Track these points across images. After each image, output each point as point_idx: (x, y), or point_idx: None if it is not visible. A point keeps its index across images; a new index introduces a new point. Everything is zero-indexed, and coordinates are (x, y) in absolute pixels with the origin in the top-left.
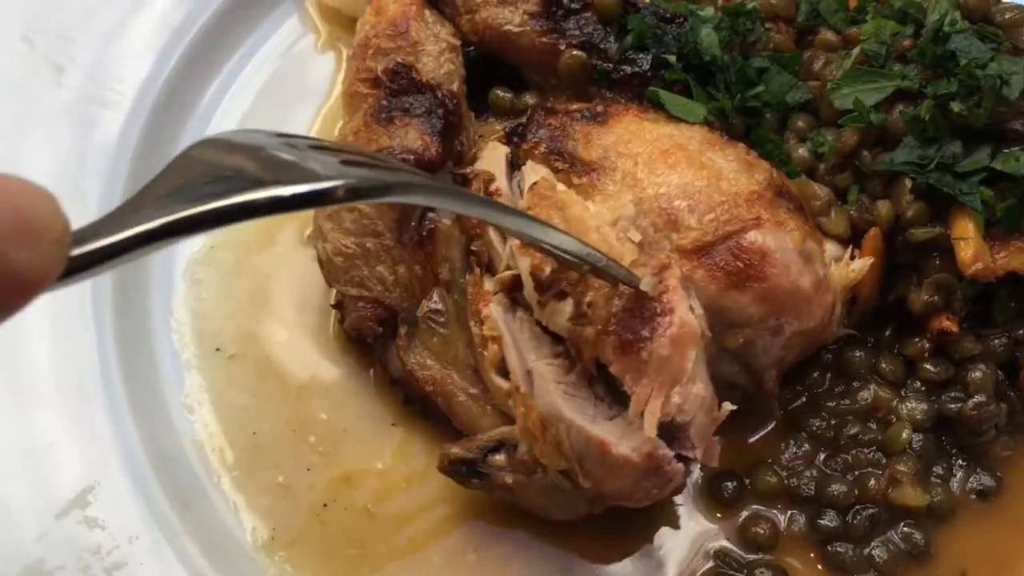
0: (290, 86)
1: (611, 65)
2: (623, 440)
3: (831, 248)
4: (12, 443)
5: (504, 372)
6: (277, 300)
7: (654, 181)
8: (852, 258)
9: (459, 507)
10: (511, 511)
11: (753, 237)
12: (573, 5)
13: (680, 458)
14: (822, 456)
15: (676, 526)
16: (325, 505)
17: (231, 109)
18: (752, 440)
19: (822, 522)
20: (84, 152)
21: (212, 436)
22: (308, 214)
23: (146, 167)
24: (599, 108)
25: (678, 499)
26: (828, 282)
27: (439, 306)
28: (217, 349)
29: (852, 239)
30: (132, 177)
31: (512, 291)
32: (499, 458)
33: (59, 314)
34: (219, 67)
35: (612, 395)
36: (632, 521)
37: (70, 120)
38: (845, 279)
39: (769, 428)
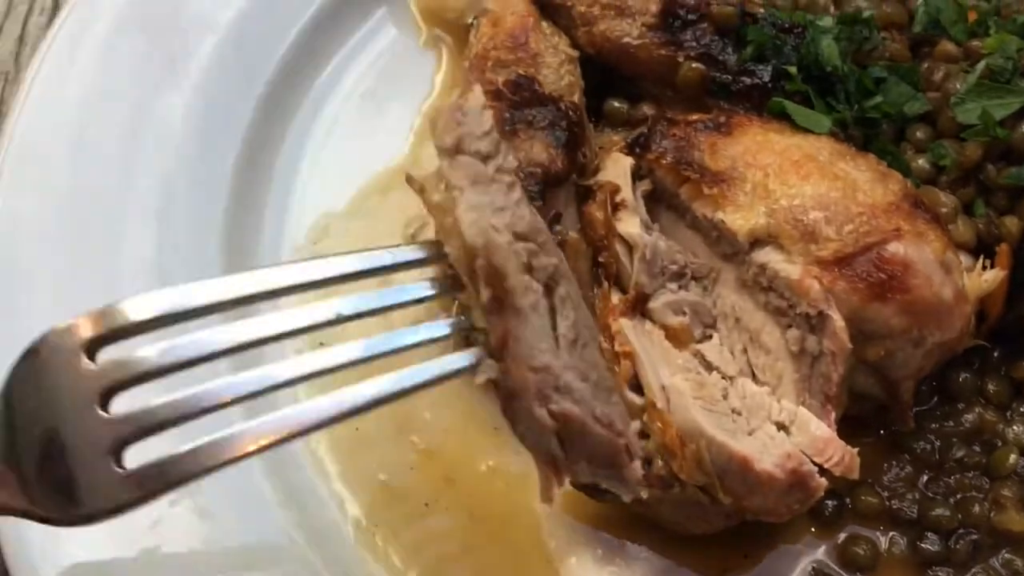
0: (392, 84)
1: (730, 77)
2: (765, 455)
3: (961, 258)
4: None
5: (637, 387)
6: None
7: (787, 192)
8: (984, 268)
9: (556, 510)
10: (606, 515)
11: (895, 248)
12: (690, 16)
13: (820, 471)
14: (924, 478)
15: (774, 542)
16: (427, 504)
17: (336, 105)
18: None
19: (923, 546)
20: (199, 142)
21: None
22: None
23: (254, 159)
24: (722, 119)
25: None
26: (966, 292)
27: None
28: (321, 344)
29: (978, 250)
30: (241, 166)
31: (639, 305)
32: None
33: None
34: (325, 64)
35: (747, 410)
36: (730, 535)
37: (185, 113)
38: (978, 289)
39: (870, 440)
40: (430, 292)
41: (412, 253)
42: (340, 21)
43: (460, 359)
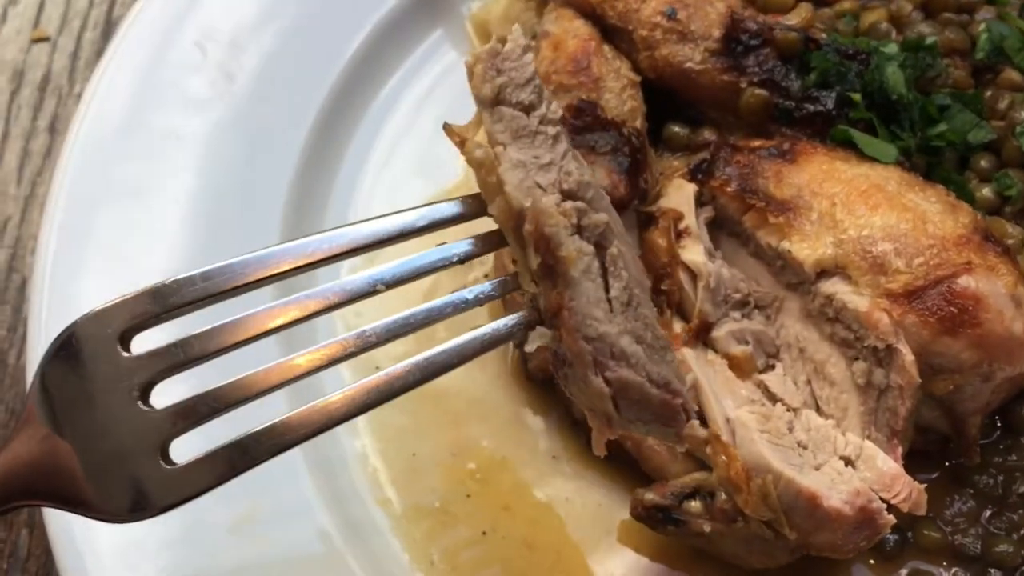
0: (448, 103)
1: (793, 103)
2: (833, 492)
3: None
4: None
5: (701, 418)
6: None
7: (855, 223)
8: None
9: (615, 542)
10: (665, 547)
11: (966, 282)
12: (753, 42)
13: (888, 507)
14: (987, 513)
15: (834, 574)
16: (484, 533)
17: (392, 127)
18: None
19: None
20: (254, 164)
21: (372, 454)
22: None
23: (311, 180)
24: (786, 146)
25: None
26: None
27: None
28: (377, 368)
29: None
30: (297, 183)
31: (702, 334)
32: (696, 505)
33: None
34: (381, 86)
35: (813, 444)
36: (790, 568)
37: (240, 134)
38: None
39: (934, 476)
40: (473, 249)
41: (451, 208)
42: (396, 43)
43: (507, 325)
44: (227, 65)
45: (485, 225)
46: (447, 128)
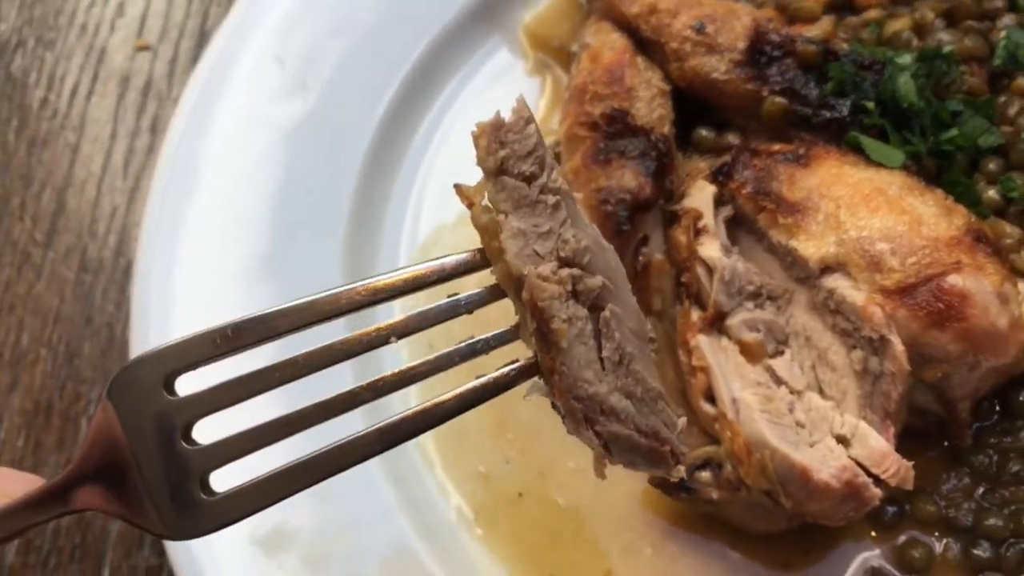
0: (501, 106)
1: (811, 110)
2: (824, 467)
3: (1023, 286)
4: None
5: (711, 398)
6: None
7: (856, 224)
8: None
9: (638, 506)
10: (681, 512)
11: (954, 280)
12: (775, 53)
13: (876, 481)
14: (981, 490)
15: (835, 543)
16: (520, 495)
17: (452, 123)
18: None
19: (976, 552)
20: (325, 159)
21: None
22: None
23: (376, 175)
24: (801, 151)
25: None
26: (1023, 321)
27: (652, 334)
28: (431, 345)
29: None
30: (362, 190)
31: (717, 323)
32: (705, 475)
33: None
34: (441, 88)
35: (811, 423)
36: (794, 534)
37: (314, 133)
38: None
39: (932, 455)
40: (482, 299)
41: (464, 260)
42: (457, 49)
43: (509, 374)
44: (302, 75)
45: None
46: (457, 188)
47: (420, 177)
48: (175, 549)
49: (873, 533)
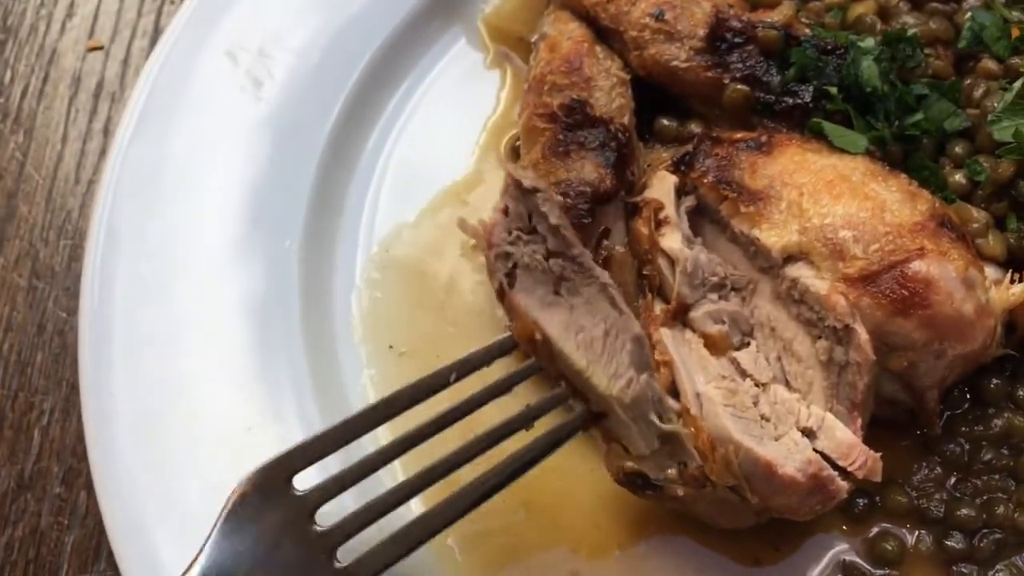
0: (461, 100)
1: (773, 97)
2: (788, 460)
3: (990, 271)
4: (215, 425)
5: (675, 393)
6: (446, 304)
7: (819, 211)
8: (1012, 282)
9: (605, 505)
10: (649, 510)
11: (917, 267)
12: (736, 40)
13: (843, 474)
14: (953, 480)
15: (805, 537)
16: None
17: (410, 119)
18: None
19: (949, 543)
20: (280, 156)
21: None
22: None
23: (332, 171)
24: (763, 138)
25: None
26: (990, 307)
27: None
28: (390, 346)
29: (1009, 264)
30: (320, 180)
31: (680, 315)
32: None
33: (254, 312)
34: (399, 82)
35: (776, 416)
36: (763, 529)
37: (268, 131)
38: (1005, 302)
39: (905, 443)
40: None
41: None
42: (414, 43)
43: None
44: (255, 72)
45: None
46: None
47: (377, 173)
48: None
49: (844, 526)
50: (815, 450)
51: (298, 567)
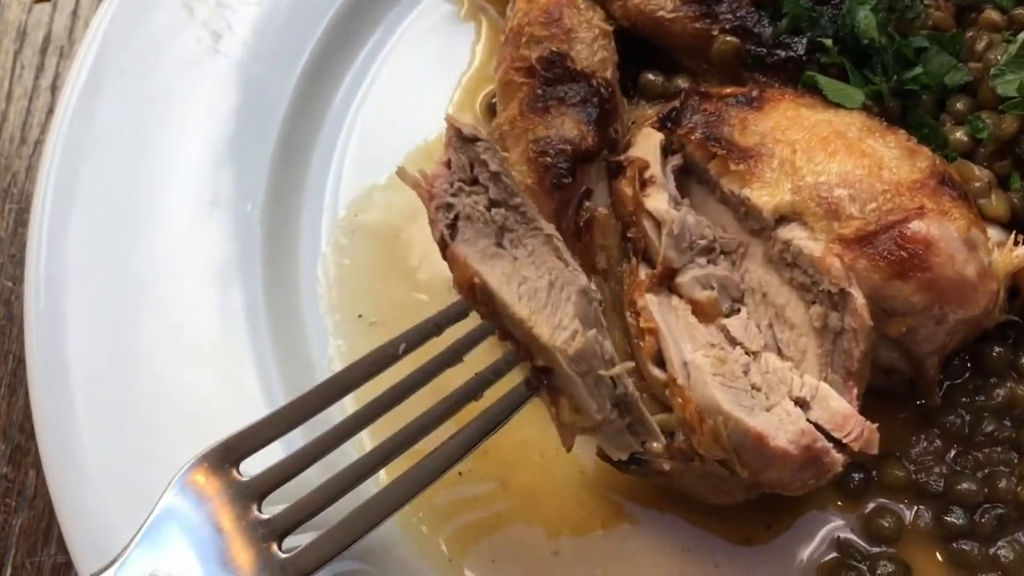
0: (433, 54)
1: (765, 50)
2: (780, 432)
3: (993, 232)
4: (173, 397)
5: (661, 363)
6: (419, 271)
7: (813, 169)
8: (1016, 243)
9: (587, 482)
10: (634, 486)
11: (917, 226)
12: None
13: (838, 446)
14: (953, 452)
15: (798, 513)
16: (460, 473)
17: (378, 77)
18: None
19: (949, 519)
20: (241, 116)
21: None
22: None
23: (297, 130)
24: (754, 93)
25: None
26: (992, 269)
27: (596, 295)
28: (359, 316)
29: (1013, 225)
30: (283, 139)
31: (666, 280)
32: (656, 445)
33: (215, 279)
34: (368, 35)
35: (767, 385)
36: (754, 505)
37: (227, 88)
38: (1009, 264)
39: (903, 416)
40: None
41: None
42: None
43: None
44: (214, 24)
45: None
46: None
47: (344, 132)
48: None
49: (839, 502)
50: (809, 421)
51: (240, 555)
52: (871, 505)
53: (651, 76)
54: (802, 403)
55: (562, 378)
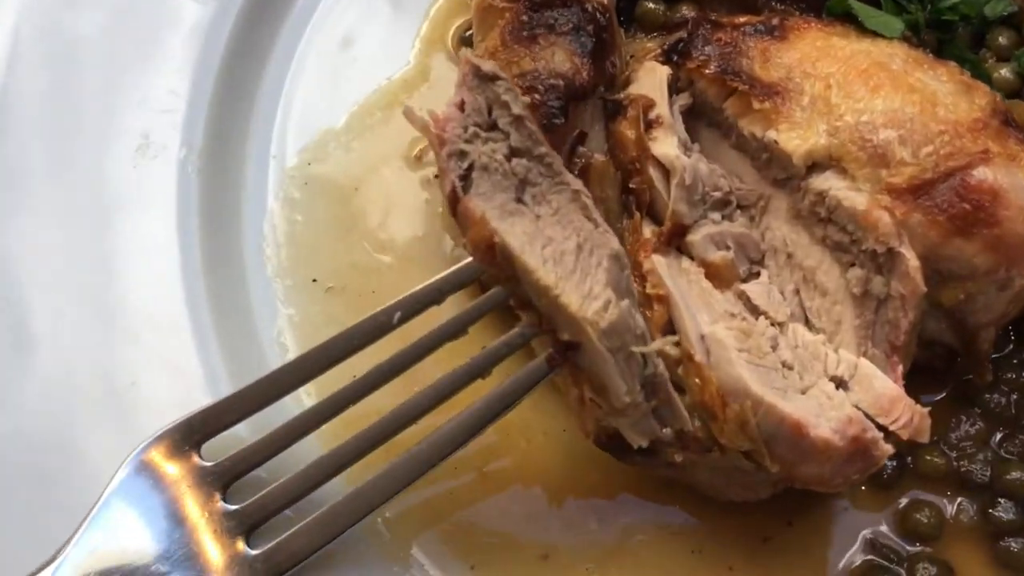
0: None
1: None
2: (822, 419)
3: None
4: (97, 381)
5: (673, 334)
6: (381, 230)
7: (853, 107)
8: None
9: (582, 471)
10: (639, 478)
11: (982, 174)
12: None
13: (885, 434)
14: (998, 436)
15: (825, 508)
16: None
17: (333, 8)
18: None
19: (995, 513)
20: (171, 48)
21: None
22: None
23: (238, 71)
24: (775, 22)
25: None
26: None
27: (628, 261)
28: (314, 280)
29: None
30: (223, 73)
31: (676, 239)
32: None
33: (144, 238)
34: None
35: (800, 363)
36: (774, 498)
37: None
38: None
39: (940, 397)
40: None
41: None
42: None
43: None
44: None
45: None
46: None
47: (295, 67)
48: None
49: (871, 495)
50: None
51: (205, 551)
52: (906, 498)
53: (651, 4)
54: (840, 383)
55: (590, 354)
